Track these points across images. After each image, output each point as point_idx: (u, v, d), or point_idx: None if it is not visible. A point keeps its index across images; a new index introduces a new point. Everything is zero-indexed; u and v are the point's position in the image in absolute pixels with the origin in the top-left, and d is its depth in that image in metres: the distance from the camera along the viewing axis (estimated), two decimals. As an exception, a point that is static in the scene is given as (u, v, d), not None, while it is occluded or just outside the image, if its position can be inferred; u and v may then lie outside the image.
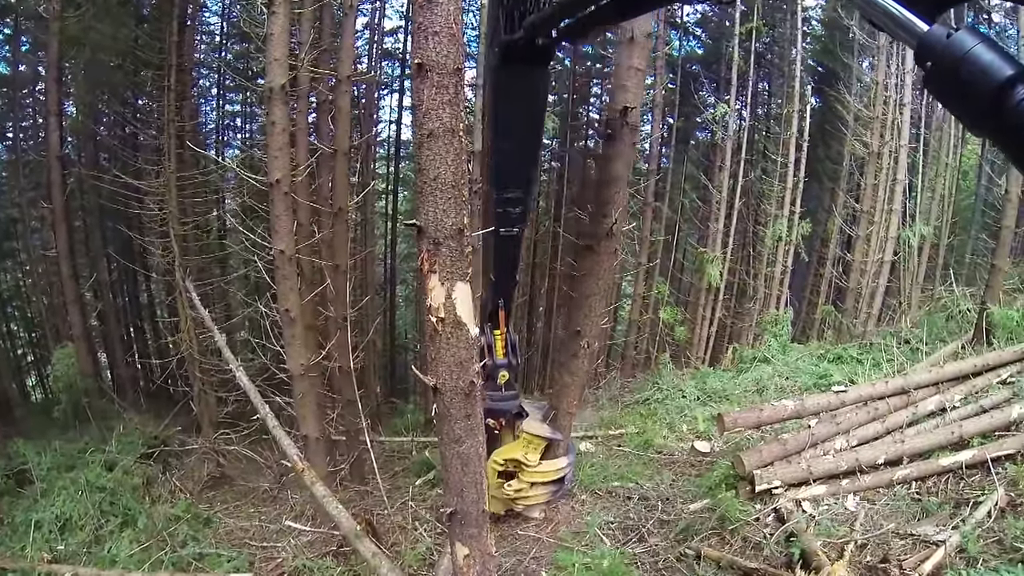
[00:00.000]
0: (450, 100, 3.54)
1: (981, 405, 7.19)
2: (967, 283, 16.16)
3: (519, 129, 5.19)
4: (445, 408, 3.92)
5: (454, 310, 3.69)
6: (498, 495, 6.77)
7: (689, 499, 7.14)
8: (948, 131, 19.02)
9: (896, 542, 5.42)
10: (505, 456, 6.73)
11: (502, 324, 6.60)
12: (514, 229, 5.75)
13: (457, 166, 3.60)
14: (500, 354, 6.64)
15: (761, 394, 10.76)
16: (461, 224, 3.63)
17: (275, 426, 7.65)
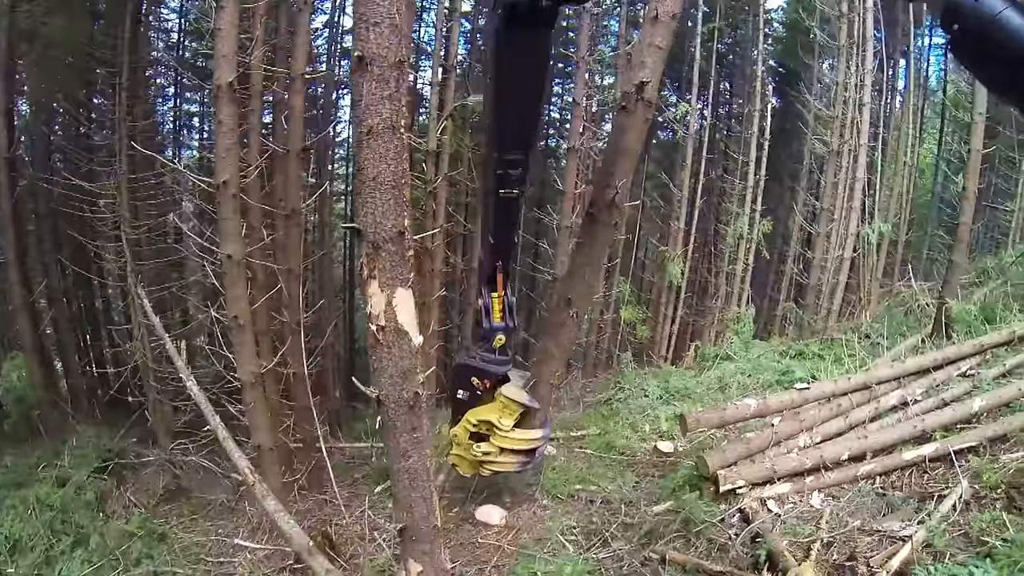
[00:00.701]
0: (391, 95, 3.36)
1: (942, 398, 7.18)
2: (924, 278, 16.47)
3: (520, 92, 5.04)
4: (390, 421, 3.73)
5: (395, 318, 3.51)
6: (467, 455, 6.63)
7: (653, 501, 6.97)
8: (906, 131, 19.36)
9: (862, 539, 5.32)
10: (479, 417, 6.53)
11: (500, 287, 6.42)
12: (514, 191, 5.57)
13: (397, 165, 3.42)
14: (497, 317, 6.46)
15: (724, 392, 10.69)
16: (402, 226, 3.45)
17: (225, 437, 7.36)
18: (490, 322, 6.43)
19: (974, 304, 10.97)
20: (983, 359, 8.36)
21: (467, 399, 6.57)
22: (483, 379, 6.53)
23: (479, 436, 6.57)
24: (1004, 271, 14.31)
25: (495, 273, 6.39)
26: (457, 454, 6.77)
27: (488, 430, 6.51)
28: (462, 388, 6.60)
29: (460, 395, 6.63)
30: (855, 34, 16.26)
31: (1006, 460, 5.90)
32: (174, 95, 19.50)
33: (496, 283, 6.41)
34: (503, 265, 6.38)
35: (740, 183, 18.23)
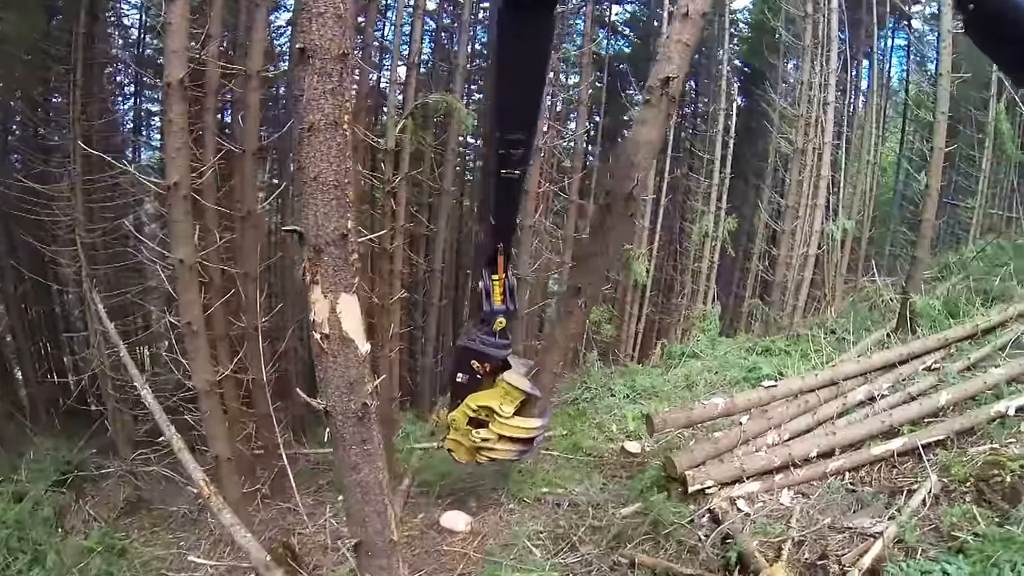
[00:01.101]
0: (333, 89, 3.16)
1: (909, 393, 7.16)
2: (888, 273, 16.70)
3: (523, 72, 4.93)
4: (338, 433, 3.54)
5: (339, 325, 3.32)
6: (465, 441, 6.48)
7: (621, 503, 6.83)
8: (869, 129, 19.65)
9: (833, 536, 5.25)
10: (479, 402, 6.37)
11: (501, 269, 6.25)
12: (516, 171, 5.46)
13: (340, 163, 3.22)
14: (498, 300, 6.29)
15: (691, 389, 10.62)
16: (345, 228, 3.26)
17: (180, 448, 7.09)
18: (491, 305, 6.26)
19: (937, 299, 11.07)
20: (948, 353, 8.39)
21: (467, 383, 6.41)
22: (483, 362, 6.36)
23: (478, 422, 6.42)
24: (965, 266, 14.52)
25: (496, 255, 6.22)
26: (454, 439, 6.61)
27: (488, 416, 6.37)
28: (462, 371, 6.43)
29: (460, 378, 6.46)
30: (820, 34, 16.43)
31: (974, 453, 5.88)
32: (134, 94, 18.98)
33: (497, 265, 6.24)
34: (504, 247, 6.23)
35: (705, 181, 18.37)
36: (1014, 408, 6.33)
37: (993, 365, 7.57)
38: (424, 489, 8.13)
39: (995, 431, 6.15)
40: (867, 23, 19.81)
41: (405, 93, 13.76)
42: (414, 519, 7.31)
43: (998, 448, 5.87)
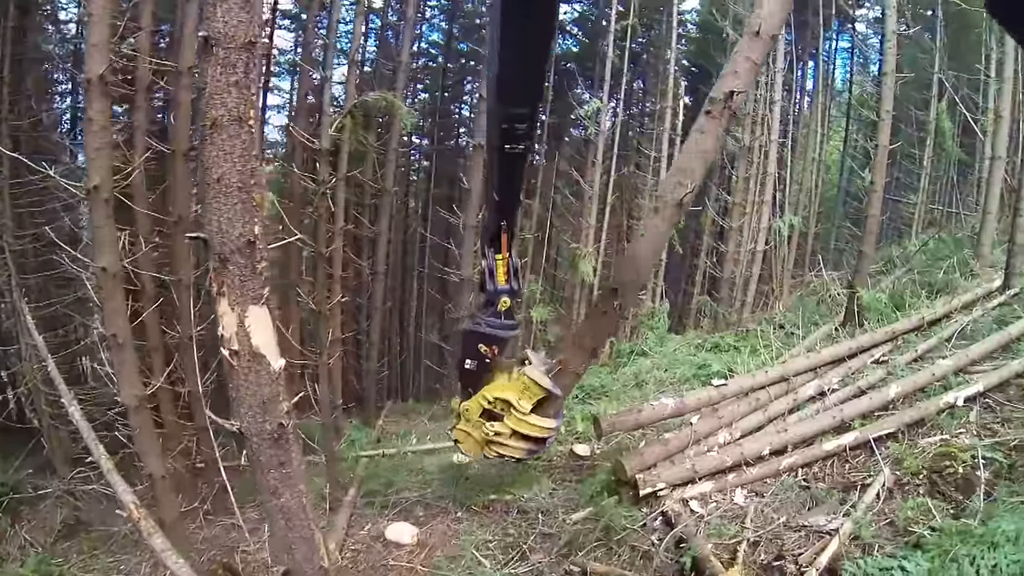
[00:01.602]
0: (238, 81, 2.90)
1: (859, 387, 7.15)
2: (834, 268, 16.91)
3: (527, 46, 4.68)
4: (254, 456, 3.26)
5: (249, 340, 3.06)
6: (475, 434, 6.18)
7: (571, 509, 6.65)
8: (814, 128, 19.98)
9: (789, 535, 5.13)
10: (496, 394, 6.07)
11: (504, 248, 5.96)
12: (519, 146, 5.18)
13: (245, 164, 2.94)
14: (502, 280, 6.01)
15: (640, 388, 10.49)
16: (251, 235, 2.98)
17: (110, 470, 6.63)
18: (494, 284, 5.99)
19: (883, 292, 11.16)
20: (895, 345, 8.45)
21: (475, 368, 6.12)
22: (491, 345, 6.06)
23: (492, 415, 6.13)
24: (909, 259, 14.77)
25: (499, 233, 5.95)
26: (463, 430, 6.31)
27: (503, 410, 6.09)
28: (470, 357, 6.12)
29: (468, 365, 6.16)
30: (767, 35, 16.48)
31: (924, 444, 5.87)
32: (70, 92, 18.13)
33: (500, 244, 5.98)
34: (508, 225, 5.95)
35: (652, 179, 18.37)
36: (962, 398, 6.34)
37: (940, 356, 7.59)
38: (370, 499, 7.84)
39: (945, 422, 6.15)
40: (813, 25, 20.17)
41: (346, 92, 13.39)
42: (360, 531, 7.03)
43: (949, 439, 5.86)
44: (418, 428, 11.97)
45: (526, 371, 6.03)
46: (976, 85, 17.96)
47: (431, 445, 10.18)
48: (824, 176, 22.23)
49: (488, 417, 6.13)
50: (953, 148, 16.53)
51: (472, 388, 6.20)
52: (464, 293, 13.19)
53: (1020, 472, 5.08)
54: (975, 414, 6.21)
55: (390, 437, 11.52)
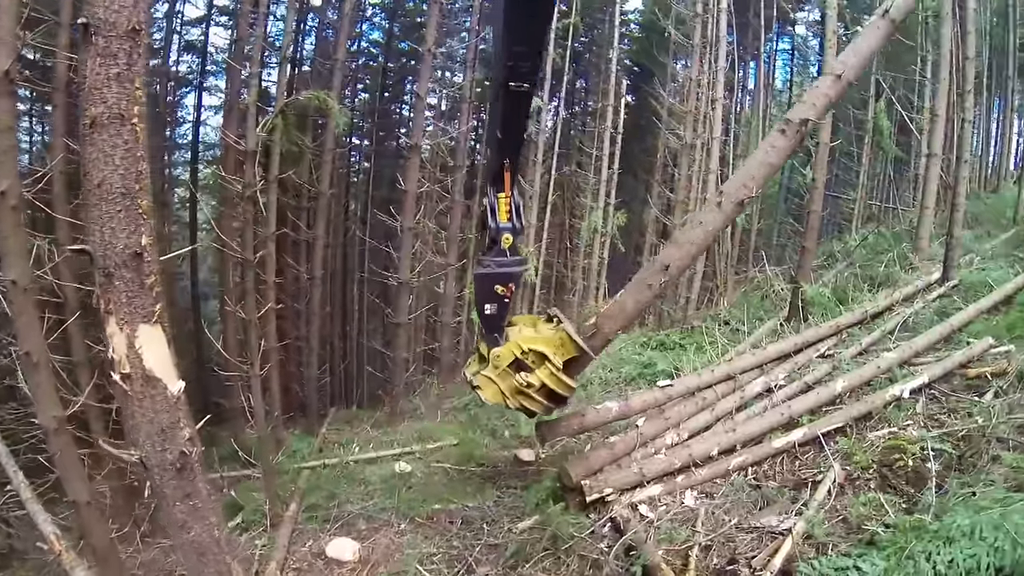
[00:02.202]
0: (120, 74, 2.57)
1: (806, 382, 7.06)
2: (776, 263, 17.09)
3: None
4: (158, 488, 2.92)
5: (141, 362, 2.73)
6: (500, 382, 5.90)
7: (517, 517, 6.41)
8: (756, 126, 20.21)
9: (741, 538, 4.98)
10: (532, 346, 5.85)
11: (507, 187, 5.78)
12: (524, 85, 5.04)
13: (130, 166, 2.61)
14: (504, 217, 5.82)
15: (586, 388, 10.29)
16: (138, 246, 2.67)
17: (28, 498, 6.14)
18: (496, 222, 5.80)
19: (826, 286, 11.22)
20: (840, 339, 8.44)
21: (496, 311, 5.93)
22: (507, 284, 5.90)
23: (521, 365, 5.89)
24: (850, 254, 14.99)
25: (502, 171, 5.77)
26: (487, 376, 5.97)
27: (535, 362, 5.89)
28: (488, 302, 5.92)
29: (488, 310, 5.95)
30: (709, 34, 16.70)
31: (873, 438, 5.82)
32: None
33: (503, 183, 5.80)
34: (511, 164, 5.77)
35: (594, 178, 18.36)
36: (908, 390, 6.29)
37: (885, 349, 7.60)
38: (312, 514, 7.46)
39: (892, 414, 6.10)
40: (755, 26, 20.43)
41: (277, 90, 12.90)
42: (302, 548, 6.68)
43: (897, 431, 5.81)
44: (361, 436, 11.57)
45: (566, 327, 5.95)
46: (912, 86, 18.65)
47: (374, 454, 9.83)
48: (766, 173, 22.58)
49: (516, 367, 5.93)
50: (891, 146, 16.87)
51: (496, 331, 5.99)
52: (403, 297, 12.80)
53: (969, 463, 5.02)
54: (921, 405, 6.17)
55: (332, 446, 11.11)
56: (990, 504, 4.04)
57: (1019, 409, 5.44)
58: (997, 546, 3.78)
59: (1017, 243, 12.09)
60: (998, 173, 22.68)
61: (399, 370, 12.85)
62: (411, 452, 9.41)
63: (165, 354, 2.88)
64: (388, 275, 13.98)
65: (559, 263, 20.03)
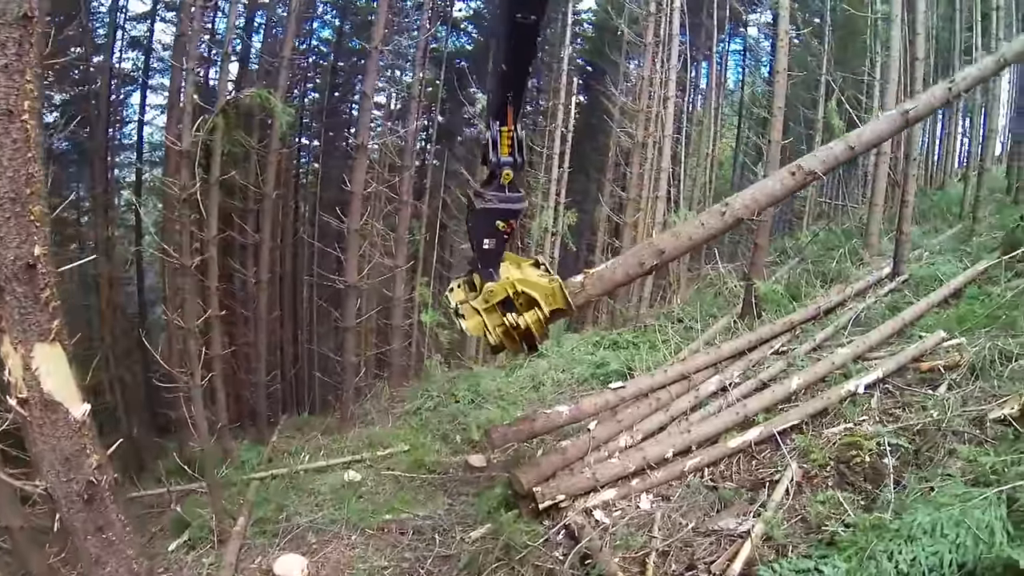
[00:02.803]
0: (8, 65, 2.34)
1: (761, 380, 7.02)
2: (729, 260, 17.20)
3: None
4: (67, 521, 2.64)
5: (39, 385, 2.46)
6: (489, 318, 5.67)
7: (469, 526, 6.23)
8: (707, 125, 20.40)
9: (699, 542, 4.84)
10: (525, 288, 5.62)
11: (510, 120, 5.43)
12: (531, 16, 4.72)
13: (19, 168, 2.34)
14: (505, 151, 5.49)
15: (538, 390, 10.19)
16: (30, 257, 2.40)
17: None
18: (497, 156, 5.47)
19: (779, 283, 11.23)
20: (794, 335, 8.41)
21: (495, 246, 5.63)
22: (508, 220, 5.62)
23: (508, 304, 5.67)
24: (801, 250, 15.14)
25: (505, 105, 5.41)
26: (475, 308, 5.73)
27: (523, 305, 5.67)
28: (487, 237, 5.61)
29: (487, 244, 5.64)
30: (662, 33, 16.74)
31: (829, 435, 5.73)
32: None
33: (506, 116, 5.44)
34: (515, 97, 5.42)
35: (544, 176, 18.31)
36: (863, 386, 6.23)
37: (838, 344, 7.56)
38: (261, 528, 7.18)
39: (848, 410, 6.03)
40: (707, 27, 20.63)
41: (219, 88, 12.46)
42: (251, 565, 6.45)
43: (853, 427, 5.72)
44: (311, 443, 11.24)
45: (560, 281, 5.77)
46: (860, 87, 19.05)
47: (324, 462, 9.54)
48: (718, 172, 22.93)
49: (504, 306, 5.72)
50: (841, 144, 17.09)
51: (492, 266, 5.71)
52: (351, 300, 12.45)
53: (926, 457, 4.94)
54: (876, 400, 6.12)
55: (282, 455, 10.76)
56: (950, 500, 3.94)
57: (973, 401, 5.39)
58: (959, 543, 3.69)
59: (964, 238, 12.31)
60: (944, 171, 23.43)
61: (349, 375, 12.51)
62: (361, 460, 9.13)
63: (66, 375, 2.64)
64: (335, 278, 13.59)
65: (511, 263, 19.92)
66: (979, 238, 11.75)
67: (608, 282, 6.02)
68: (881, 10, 15.54)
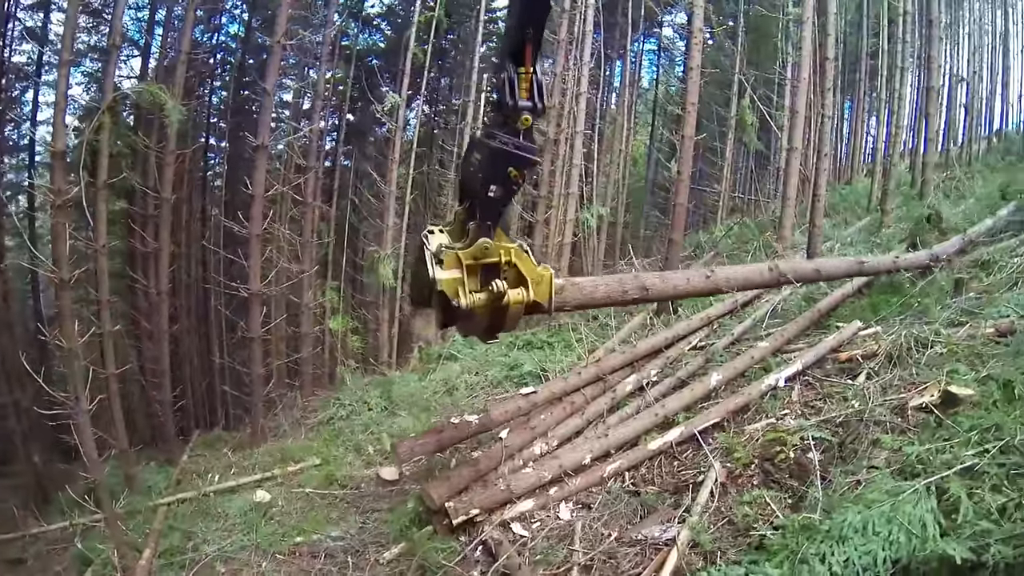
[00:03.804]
0: None
1: (679, 377, 6.92)
2: (644, 255, 17.39)
3: None
4: None
5: None
6: (467, 274, 4.72)
7: (382, 545, 5.85)
8: (621, 122, 20.58)
9: (624, 552, 4.61)
10: (520, 262, 4.84)
11: (528, 61, 4.63)
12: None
13: None
14: (524, 95, 4.63)
15: (452, 395, 9.91)
16: None
17: None
18: (515, 99, 4.62)
19: (693, 277, 11.21)
20: (712, 330, 8.39)
21: (501, 196, 4.76)
22: (521, 168, 4.69)
23: (490, 271, 4.83)
24: (716, 244, 15.34)
25: (523, 43, 4.65)
26: (459, 259, 4.78)
27: (510, 281, 4.84)
28: (494, 183, 4.71)
29: (492, 192, 4.73)
30: (575, 30, 16.63)
31: (751, 431, 5.61)
32: None
33: (524, 56, 4.67)
34: (534, 35, 4.68)
35: (455, 175, 17.93)
36: (783, 379, 6.16)
37: (757, 338, 7.56)
38: (168, 560, 6.65)
39: (768, 405, 5.95)
40: (622, 25, 20.81)
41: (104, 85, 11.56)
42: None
43: (775, 422, 5.62)
44: (222, 462, 10.61)
45: (549, 269, 5.07)
46: (772, 86, 19.82)
47: (233, 482, 8.94)
48: (631, 168, 23.26)
49: (487, 273, 4.86)
50: (754, 140, 17.56)
51: (492, 219, 4.86)
52: (255, 308, 11.78)
53: (850, 449, 4.84)
54: (797, 393, 6.05)
55: (191, 476, 10.09)
56: (879, 496, 3.80)
57: (892, 390, 5.34)
58: (892, 539, 3.56)
59: (874, 229, 12.67)
60: (851, 167, 24.50)
61: (257, 387, 11.86)
62: (272, 477, 8.60)
63: None
64: (238, 286, 12.85)
65: (422, 264, 19.62)
66: (888, 229, 12.15)
67: (587, 296, 5.57)
68: (793, 12, 15.97)
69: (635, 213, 23.52)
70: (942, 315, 6.40)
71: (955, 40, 24.99)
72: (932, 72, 15.52)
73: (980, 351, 5.39)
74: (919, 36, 19.88)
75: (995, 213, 9.89)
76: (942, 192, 14.83)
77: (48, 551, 8.58)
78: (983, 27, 25.74)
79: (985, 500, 3.54)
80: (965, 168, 19.08)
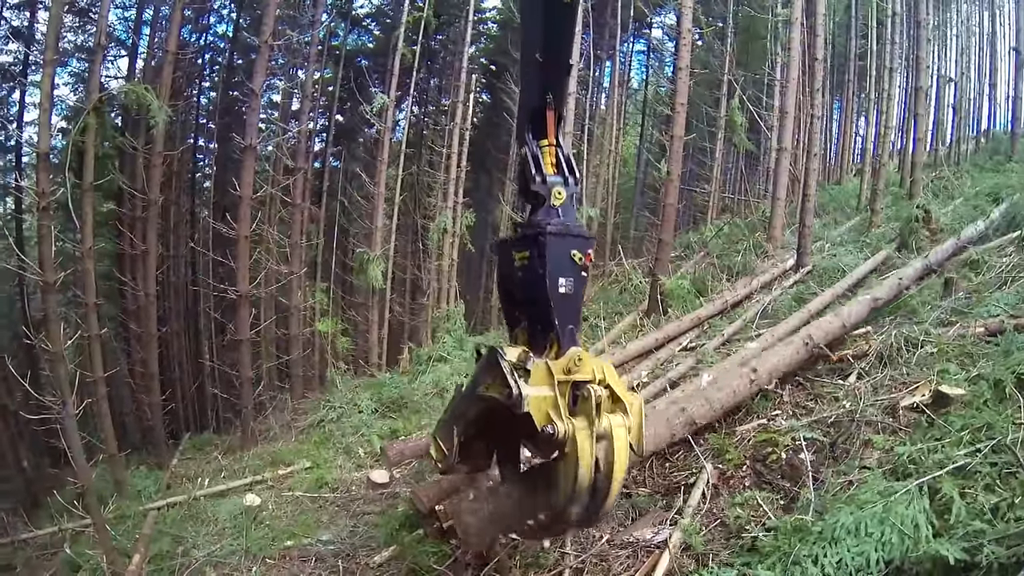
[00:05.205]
0: None
1: (670, 378, 6.88)
2: (634, 256, 17.40)
3: None
4: None
5: None
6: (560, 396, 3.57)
7: (372, 549, 5.80)
8: (610, 123, 20.58)
9: (615, 555, 4.57)
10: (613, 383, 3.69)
11: (551, 131, 4.23)
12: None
13: None
14: (551, 170, 4.20)
15: (442, 397, 9.81)
16: None
17: None
18: (543, 175, 4.18)
19: (685, 277, 11.22)
20: (703, 330, 8.36)
21: (573, 291, 4.07)
22: (585, 251, 4.10)
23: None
24: (706, 244, 15.35)
25: (543, 110, 4.26)
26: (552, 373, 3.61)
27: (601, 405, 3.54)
28: (563, 275, 4.01)
29: (564, 287, 4.02)
30: (565, 32, 16.62)
31: (743, 432, 5.59)
32: None
33: (544, 127, 4.27)
34: (554, 99, 4.28)
35: (444, 176, 18.05)
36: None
37: (747, 338, 7.57)
38: (158, 565, 6.58)
39: (759, 405, 5.93)
40: (611, 26, 20.81)
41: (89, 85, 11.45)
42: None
43: (766, 423, 5.61)
44: (212, 466, 10.54)
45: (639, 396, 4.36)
46: (761, 87, 19.90)
47: (224, 486, 8.89)
48: (621, 168, 23.27)
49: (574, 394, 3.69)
50: (743, 141, 17.60)
51: (572, 322, 4.09)
52: (243, 311, 11.69)
53: (842, 449, 4.84)
54: (788, 393, 6.05)
55: (181, 480, 10.03)
56: (872, 497, 3.79)
57: (883, 390, 5.35)
58: (884, 540, 3.55)
59: (863, 229, 12.69)
60: (840, 167, 24.65)
61: (246, 390, 11.77)
62: (262, 480, 8.55)
63: None
64: (227, 288, 12.76)
65: (412, 265, 19.45)
66: (877, 229, 12.15)
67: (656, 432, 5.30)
68: (782, 14, 16.03)
69: (625, 214, 23.56)
70: (932, 315, 6.42)
71: (943, 41, 25.21)
72: (920, 73, 15.58)
73: (970, 350, 5.42)
74: (907, 37, 20.04)
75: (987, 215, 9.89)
76: (931, 192, 14.87)
77: (37, 557, 8.48)
78: (970, 28, 25.92)
79: (978, 500, 3.54)
80: (953, 168, 19.17)
